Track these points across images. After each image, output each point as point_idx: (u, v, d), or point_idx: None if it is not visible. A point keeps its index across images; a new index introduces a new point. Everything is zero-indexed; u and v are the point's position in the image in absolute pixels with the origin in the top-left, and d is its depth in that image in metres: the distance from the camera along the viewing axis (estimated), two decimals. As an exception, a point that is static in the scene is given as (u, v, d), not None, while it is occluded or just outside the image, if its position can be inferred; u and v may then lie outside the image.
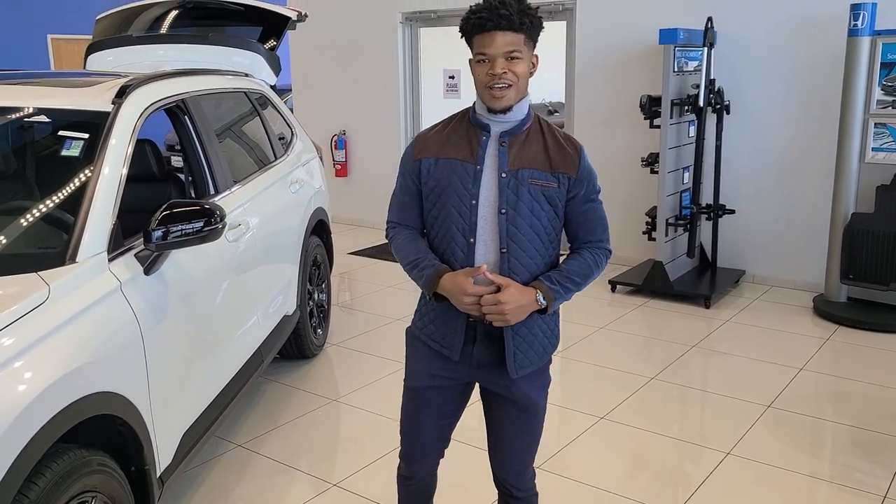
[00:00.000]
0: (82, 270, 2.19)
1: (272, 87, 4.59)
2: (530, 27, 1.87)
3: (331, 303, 4.79)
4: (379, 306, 5.41)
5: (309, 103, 8.08)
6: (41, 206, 2.50)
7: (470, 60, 1.92)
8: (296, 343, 4.19)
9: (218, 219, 2.55)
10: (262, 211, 3.57)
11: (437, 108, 7.71)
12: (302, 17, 4.82)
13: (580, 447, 3.38)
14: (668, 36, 5.28)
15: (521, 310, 1.90)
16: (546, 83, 8.08)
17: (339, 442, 3.50)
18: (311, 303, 4.36)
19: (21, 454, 1.72)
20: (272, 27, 4.77)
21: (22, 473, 1.73)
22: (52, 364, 1.90)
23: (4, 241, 2.33)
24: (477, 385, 2.13)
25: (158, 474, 2.41)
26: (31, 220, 2.46)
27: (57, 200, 2.49)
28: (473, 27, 1.86)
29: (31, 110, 2.82)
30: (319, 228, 4.51)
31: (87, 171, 2.46)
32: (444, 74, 7.31)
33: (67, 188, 2.48)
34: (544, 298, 1.92)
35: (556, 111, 9.49)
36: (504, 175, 1.91)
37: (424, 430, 2.14)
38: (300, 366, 4.29)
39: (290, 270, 3.95)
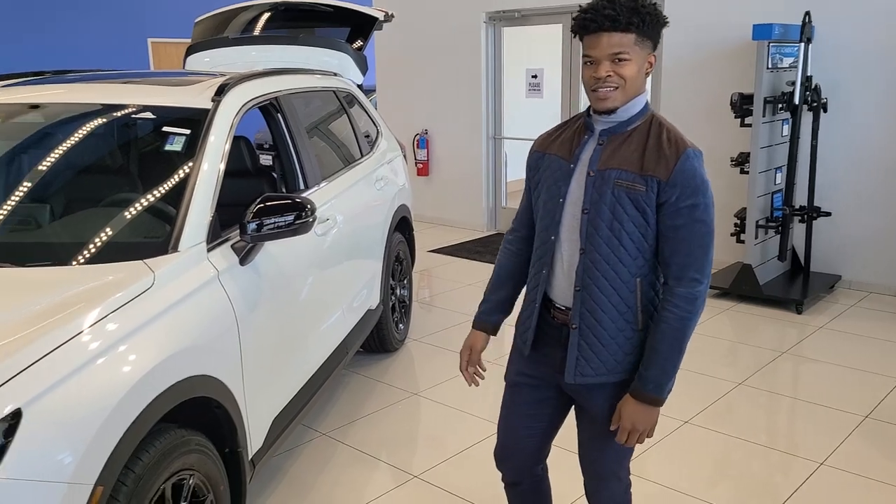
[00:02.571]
0: (184, 259, 2.30)
1: (359, 87, 4.69)
2: (642, 26, 1.75)
3: (412, 298, 4.86)
4: (458, 303, 5.44)
5: (392, 102, 8.20)
6: (145, 198, 2.63)
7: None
8: (378, 337, 4.27)
9: (309, 212, 2.62)
10: (348, 206, 3.65)
11: (519, 108, 7.71)
12: (388, 18, 4.91)
13: (663, 451, 3.32)
14: (762, 31, 5.11)
15: (646, 417, 1.88)
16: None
17: (420, 435, 3.55)
18: (393, 298, 4.44)
19: (128, 431, 1.82)
20: (360, 27, 4.88)
21: (128, 449, 1.83)
22: (156, 347, 2.00)
23: (113, 230, 2.47)
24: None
25: (250, 457, 2.50)
26: (136, 210, 2.60)
27: (160, 193, 2.61)
28: (579, 28, 1.80)
29: (135, 108, 2.98)
30: (402, 225, 4.58)
31: (188, 166, 2.58)
32: (527, 74, 7.28)
33: (170, 181, 2.61)
34: (646, 391, 1.86)
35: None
36: (591, 174, 1.86)
37: (512, 427, 2.12)
38: (382, 359, 4.37)
39: (374, 265, 4.03)
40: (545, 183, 1.95)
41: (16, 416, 1.58)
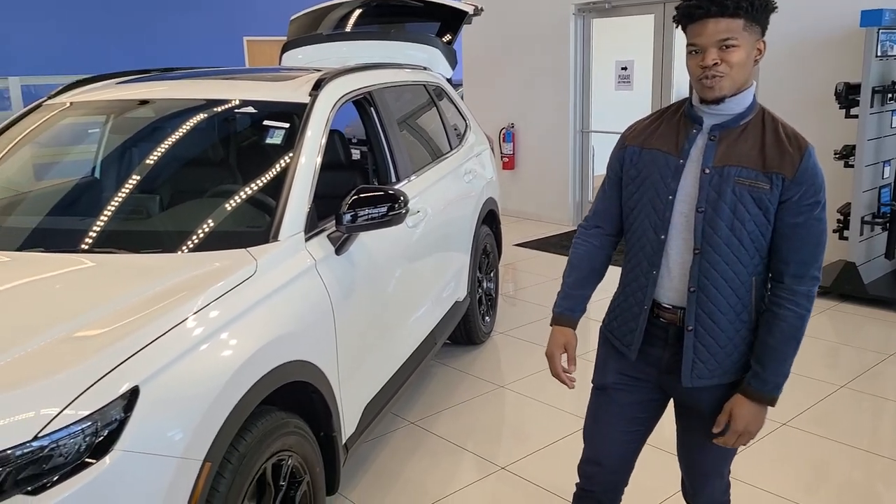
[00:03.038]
0: (283, 248, 2.39)
1: (448, 80, 4.72)
2: (750, 10, 1.67)
3: (498, 291, 4.86)
4: (543, 298, 5.41)
5: (479, 96, 8.21)
6: (247, 189, 2.74)
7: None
8: (465, 329, 4.30)
9: (402, 204, 2.67)
10: (437, 199, 3.69)
11: (608, 101, 7.58)
12: (478, 11, 4.92)
13: (759, 452, 3.21)
14: (871, 17, 4.84)
15: (759, 418, 1.84)
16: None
17: (505, 427, 3.56)
18: (480, 290, 4.46)
19: (233, 411, 1.90)
20: (449, 22, 4.91)
21: (233, 428, 1.92)
22: (258, 332, 2.09)
23: (217, 220, 2.59)
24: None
25: (344, 441, 2.57)
26: (238, 201, 2.71)
27: (261, 184, 2.72)
28: (683, 17, 1.73)
29: (237, 102, 3.10)
30: (490, 218, 4.59)
31: (287, 158, 2.66)
32: (617, 66, 7.16)
33: (270, 173, 2.71)
34: (764, 392, 1.82)
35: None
36: (707, 171, 1.76)
37: (609, 433, 2.02)
38: (468, 351, 4.40)
39: (462, 258, 4.06)
40: (649, 179, 1.86)
41: (134, 393, 1.68)
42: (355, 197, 2.61)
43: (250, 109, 3.08)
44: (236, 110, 3.16)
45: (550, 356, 2.04)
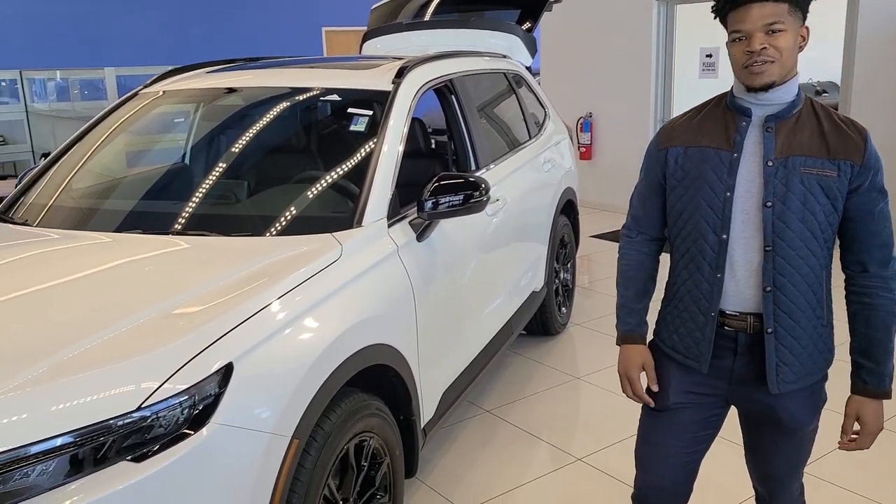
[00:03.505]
0: (367, 233, 2.43)
1: (527, 69, 4.69)
2: None
3: (575, 282, 4.82)
4: (621, 290, 5.33)
5: (557, 85, 8.12)
6: (331, 175, 2.79)
7: (727, 42, 1.73)
8: (541, 319, 4.28)
9: (483, 191, 2.67)
10: (516, 188, 3.67)
11: (691, 90, 7.37)
12: (559, -1, 4.86)
13: (845, 453, 3.08)
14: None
15: (881, 415, 1.81)
16: (813, 61, 7.37)
17: (581, 419, 3.53)
18: (556, 281, 4.42)
19: (320, 390, 1.95)
20: (529, 9, 4.86)
21: (320, 407, 1.97)
22: (344, 314, 2.13)
23: (303, 205, 2.65)
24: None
25: (422, 425, 2.60)
26: (323, 187, 2.76)
27: (345, 170, 2.76)
28: (725, 3, 1.67)
29: (322, 90, 3.15)
30: (568, 208, 4.55)
31: (370, 144, 2.70)
32: (701, 53, 6.95)
33: (353, 159, 2.75)
34: (882, 386, 1.77)
35: (825, 91, 8.64)
36: (771, 164, 1.69)
37: (671, 457, 1.90)
38: (544, 342, 4.38)
39: (540, 247, 4.03)
40: (700, 178, 1.76)
41: (228, 369, 1.74)
42: (437, 184, 2.62)
43: (334, 97, 3.14)
44: (321, 98, 3.22)
45: (629, 378, 1.91)
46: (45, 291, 2.05)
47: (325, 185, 2.75)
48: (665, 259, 1.91)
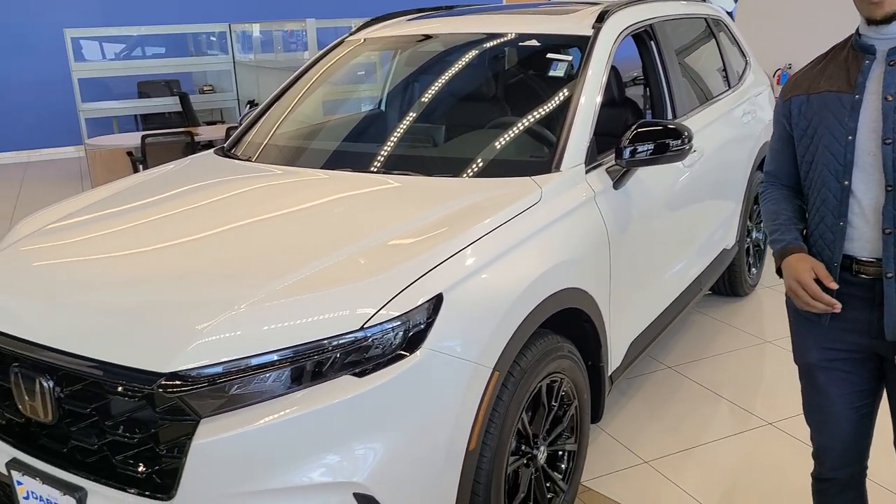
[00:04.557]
0: (566, 178, 2.43)
1: (728, 14, 4.41)
2: None
3: (767, 243, 4.56)
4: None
5: (753, 33, 7.53)
6: (529, 120, 2.80)
7: None
8: (729, 279, 4.10)
9: (686, 139, 2.57)
10: (713, 139, 3.50)
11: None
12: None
13: None
14: None
15: None
16: None
17: (769, 383, 3.37)
18: (748, 240, 4.21)
19: (520, 327, 2.01)
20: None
21: (518, 344, 2.03)
22: (543, 256, 2.17)
23: (502, 149, 2.69)
24: None
25: (609, 373, 2.61)
26: (521, 131, 2.78)
27: (542, 115, 2.76)
28: None
29: (518, 35, 3.15)
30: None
31: (569, 90, 2.68)
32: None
33: (552, 105, 2.75)
34: None
35: None
36: (890, 98, 1.61)
37: (840, 415, 1.83)
38: (730, 302, 4.20)
39: (733, 204, 3.84)
40: (822, 124, 1.70)
41: (439, 299, 1.84)
42: (637, 131, 2.56)
43: (533, 42, 3.12)
44: (518, 43, 3.22)
45: (801, 282, 1.70)
46: (279, 218, 2.26)
47: (522, 129, 2.78)
48: None
